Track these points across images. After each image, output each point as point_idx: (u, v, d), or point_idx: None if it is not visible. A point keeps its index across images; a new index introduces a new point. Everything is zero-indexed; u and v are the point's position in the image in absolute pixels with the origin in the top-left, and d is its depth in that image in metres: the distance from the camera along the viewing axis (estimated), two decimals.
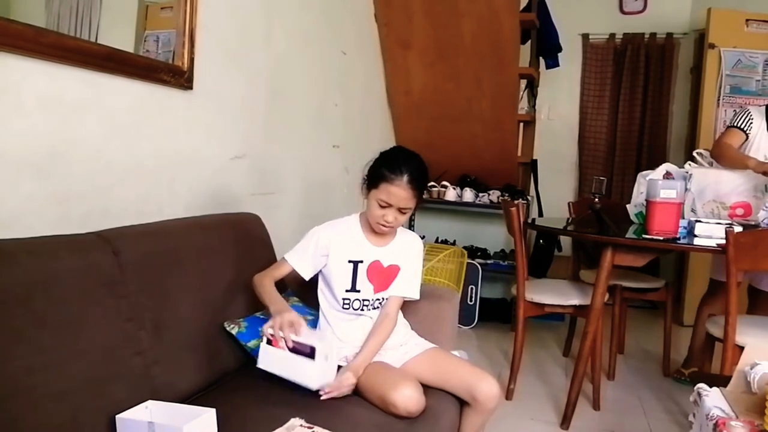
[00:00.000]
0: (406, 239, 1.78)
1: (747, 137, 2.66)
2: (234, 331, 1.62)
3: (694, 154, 2.72)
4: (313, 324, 1.76)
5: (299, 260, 1.68)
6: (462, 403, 1.63)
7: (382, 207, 1.59)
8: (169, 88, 1.81)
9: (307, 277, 1.69)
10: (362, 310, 1.67)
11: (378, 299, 1.69)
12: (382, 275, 1.69)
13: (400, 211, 1.59)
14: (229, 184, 2.18)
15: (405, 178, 1.55)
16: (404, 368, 1.65)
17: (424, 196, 1.70)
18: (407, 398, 1.43)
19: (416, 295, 1.75)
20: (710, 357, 2.50)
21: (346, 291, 1.66)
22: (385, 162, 1.60)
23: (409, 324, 1.81)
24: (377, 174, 1.59)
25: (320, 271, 1.70)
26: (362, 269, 1.67)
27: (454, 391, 1.62)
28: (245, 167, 2.27)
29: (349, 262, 1.67)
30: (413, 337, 1.77)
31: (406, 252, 1.74)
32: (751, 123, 2.67)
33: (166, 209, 1.81)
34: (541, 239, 3.96)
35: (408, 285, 1.73)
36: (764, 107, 2.70)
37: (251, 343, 1.61)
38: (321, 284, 1.72)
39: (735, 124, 2.70)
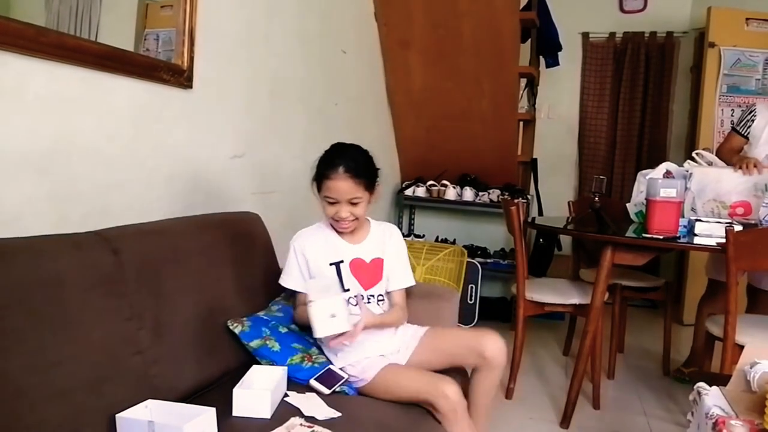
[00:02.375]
0: (381, 230, 1.77)
1: (748, 140, 2.68)
2: (237, 330, 1.61)
3: (693, 154, 2.72)
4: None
5: (295, 280, 1.70)
6: (465, 384, 1.63)
7: (332, 204, 1.61)
8: (169, 87, 1.81)
9: None
10: (357, 305, 1.66)
11: (372, 295, 1.69)
12: (368, 271, 1.70)
13: (351, 203, 1.60)
14: (229, 183, 2.18)
15: (341, 169, 1.57)
16: (411, 364, 1.65)
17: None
18: (454, 393, 1.47)
19: (411, 281, 1.77)
20: (710, 356, 2.50)
21: None
22: (321, 160, 1.63)
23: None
24: (318, 174, 1.62)
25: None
26: (345, 268, 1.68)
27: (463, 361, 1.65)
28: (245, 166, 2.27)
29: (331, 264, 1.67)
30: (406, 332, 1.75)
31: (385, 242, 1.75)
32: (752, 122, 2.68)
33: (166, 209, 1.81)
34: (541, 238, 3.96)
35: (400, 275, 1.74)
36: None
37: (254, 343, 1.60)
38: None
39: (735, 127, 2.76)
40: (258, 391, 1.39)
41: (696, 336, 2.87)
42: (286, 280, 1.72)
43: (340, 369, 1.60)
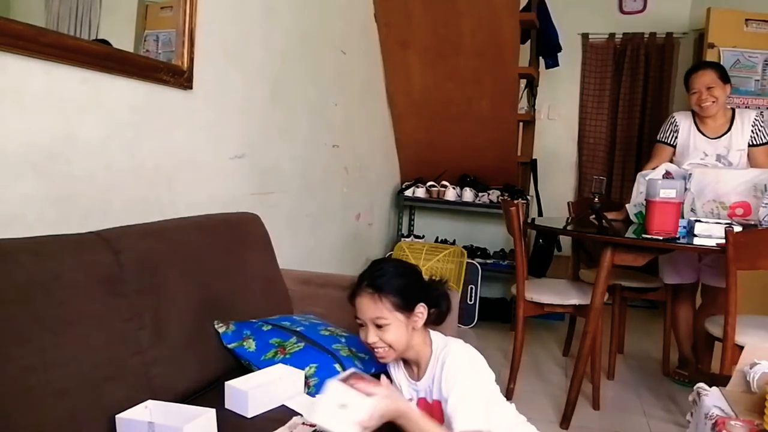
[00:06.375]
0: (438, 364, 1.39)
1: (675, 148, 2.83)
2: (221, 331, 1.60)
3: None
4: None
5: None
6: None
7: (361, 326, 1.37)
8: (169, 87, 1.81)
9: None
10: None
11: None
12: (432, 411, 1.39)
13: (377, 326, 1.33)
14: (229, 184, 2.18)
15: (364, 283, 1.34)
16: None
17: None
18: None
19: (476, 425, 1.30)
20: (710, 357, 2.50)
21: None
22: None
23: None
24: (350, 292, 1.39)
25: None
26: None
27: None
28: (245, 167, 2.27)
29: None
30: None
31: (440, 381, 1.37)
32: (677, 133, 2.82)
33: (166, 209, 1.81)
34: (541, 239, 3.96)
35: (461, 418, 1.30)
36: (690, 111, 2.83)
37: (231, 345, 1.59)
38: None
39: (660, 140, 2.90)
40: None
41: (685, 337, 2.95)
42: None
43: None
